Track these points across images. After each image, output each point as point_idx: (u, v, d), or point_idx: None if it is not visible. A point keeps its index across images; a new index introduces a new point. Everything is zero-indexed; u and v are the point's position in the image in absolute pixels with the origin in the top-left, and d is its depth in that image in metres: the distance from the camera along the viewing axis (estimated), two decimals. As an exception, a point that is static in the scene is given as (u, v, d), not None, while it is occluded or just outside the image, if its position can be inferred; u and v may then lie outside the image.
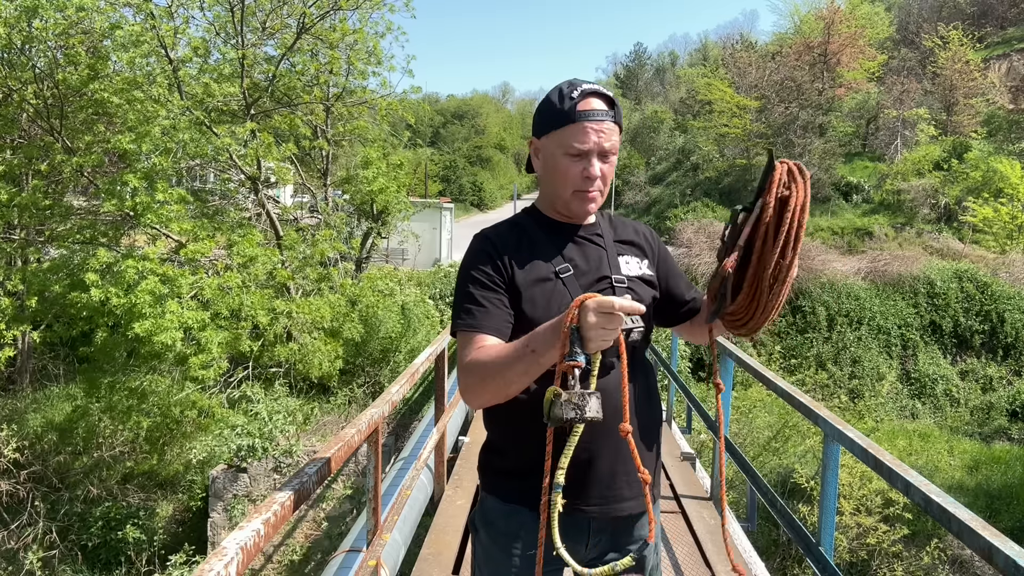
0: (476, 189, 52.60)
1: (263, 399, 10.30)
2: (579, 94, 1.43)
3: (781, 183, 1.30)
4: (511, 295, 1.47)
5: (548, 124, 1.47)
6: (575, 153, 1.44)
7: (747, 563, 3.60)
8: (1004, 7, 35.24)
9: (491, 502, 1.59)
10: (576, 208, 1.51)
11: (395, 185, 13.56)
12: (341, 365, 11.63)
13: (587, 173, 1.45)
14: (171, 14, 10.53)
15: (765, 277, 1.33)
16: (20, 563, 9.31)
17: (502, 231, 1.57)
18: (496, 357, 1.36)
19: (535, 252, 1.51)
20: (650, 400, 1.55)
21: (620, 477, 1.49)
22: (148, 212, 9.07)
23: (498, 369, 1.35)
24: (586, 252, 1.54)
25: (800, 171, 1.30)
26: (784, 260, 1.30)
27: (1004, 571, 1.60)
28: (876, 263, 17.52)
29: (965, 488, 11.18)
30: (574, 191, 1.48)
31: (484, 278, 1.48)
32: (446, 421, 4.33)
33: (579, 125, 1.43)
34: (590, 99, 1.44)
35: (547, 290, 1.46)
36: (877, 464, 2.31)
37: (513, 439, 1.52)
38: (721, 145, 28.85)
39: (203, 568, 1.27)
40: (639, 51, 62.33)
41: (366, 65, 12.94)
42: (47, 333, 10.27)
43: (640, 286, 1.55)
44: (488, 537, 1.58)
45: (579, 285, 1.48)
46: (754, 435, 11.50)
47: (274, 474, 9.80)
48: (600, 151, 1.44)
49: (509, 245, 1.52)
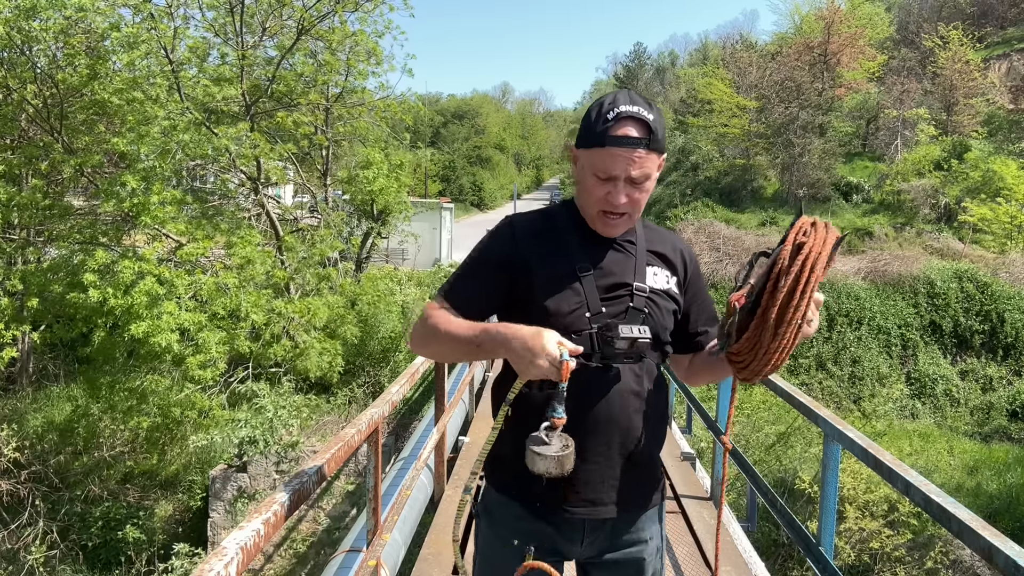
0: (476, 189, 52.60)
1: (268, 394, 10.34)
2: (614, 117, 1.39)
3: (801, 231, 1.31)
4: (527, 284, 1.48)
5: (583, 140, 1.45)
6: (603, 177, 1.42)
7: (747, 563, 3.59)
8: (1004, 7, 35.24)
9: (490, 492, 1.62)
10: (600, 228, 1.51)
11: (396, 185, 13.57)
12: (341, 365, 11.63)
13: (611, 199, 1.43)
14: (170, 14, 10.53)
15: (769, 320, 1.30)
16: (20, 563, 9.31)
17: (531, 219, 1.58)
18: (450, 330, 1.44)
19: (561, 246, 1.51)
20: (654, 408, 1.52)
21: (608, 482, 1.49)
22: (145, 212, 9.07)
23: (447, 340, 1.45)
24: (613, 256, 1.52)
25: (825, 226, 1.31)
26: (791, 303, 1.28)
27: (1004, 571, 1.60)
28: (876, 263, 17.52)
29: (965, 488, 11.18)
30: (599, 211, 1.48)
31: (488, 259, 1.53)
32: (446, 421, 4.33)
33: (608, 151, 1.40)
34: (625, 124, 1.38)
35: (563, 286, 1.46)
36: (877, 464, 2.31)
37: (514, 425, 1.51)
38: (721, 145, 28.84)
39: (203, 568, 1.27)
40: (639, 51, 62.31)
41: (366, 66, 12.94)
42: (47, 333, 10.27)
43: (662, 299, 1.53)
44: (487, 524, 1.62)
45: (597, 287, 1.48)
46: (756, 437, 11.50)
47: (274, 473, 9.80)
48: (628, 179, 1.41)
49: (533, 234, 1.53)
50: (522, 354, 1.30)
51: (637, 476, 1.53)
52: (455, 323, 1.45)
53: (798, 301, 1.28)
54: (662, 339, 1.52)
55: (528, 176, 72.55)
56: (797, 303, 1.28)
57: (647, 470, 1.56)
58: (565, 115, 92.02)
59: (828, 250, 1.29)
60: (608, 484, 1.49)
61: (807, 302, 1.29)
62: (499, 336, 1.35)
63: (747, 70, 28.48)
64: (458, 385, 5.62)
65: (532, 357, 1.28)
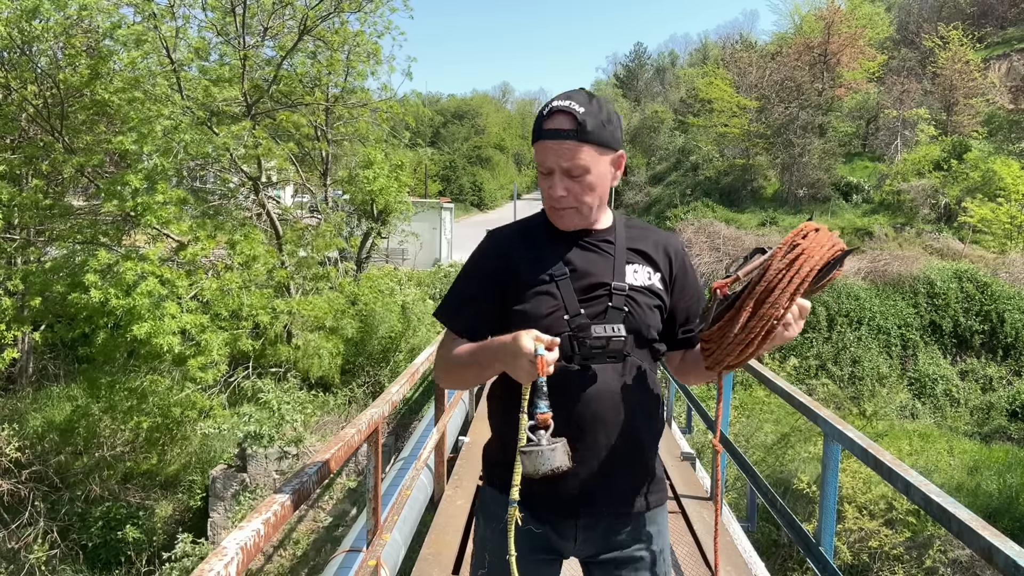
0: (476, 189, 52.60)
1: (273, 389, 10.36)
2: (548, 112, 1.43)
3: (800, 233, 1.31)
4: (513, 292, 1.51)
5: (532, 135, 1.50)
6: (543, 171, 1.47)
7: (747, 563, 3.60)
8: (1004, 7, 35.23)
9: (488, 491, 1.64)
10: (554, 221, 1.53)
11: (396, 185, 13.58)
12: (341, 363, 11.64)
13: (551, 191, 1.46)
14: (172, 14, 10.53)
15: (742, 311, 1.31)
16: (21, 562, 9.32)
17: (512, 231, 1.61)
18: (458, 358, 1.52)
19: (539, 253, 1.53)
20: (642, 407, 1.52)
21: (599, 482, 1.49)
22: (148, 213, 9.07)
23: (457, 369, 1.55)
24: (589, 257, 1.52)
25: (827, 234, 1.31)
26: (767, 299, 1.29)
27: (1004, 571, 1.60)
28: (876, 263, 17.52)
29: (965, 488, 11.17)
30: (548, 206, 1.52)
31: (479, 274, 1.57)
32: (446, 421, 4.33)
33: (541, 144, 1.44)
34: (555, 118, 1.42)
35: (542, 290, 1.48)
36: (877, 464, 2.31)
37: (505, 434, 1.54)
38: (721, 145, 28.84)
39: (203, 568, 1.27)
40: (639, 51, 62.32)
41: (366, 66, 12.95)
42: (48, 333, 10.27)
43: (643, 296, 1.52)
44: (485, 524, 1.63)
45: (575, 288, 1.49)
46: (757, 436, 11.50)
47: (274, 473, 9.80)
48: (563, 170, 1.43)
49: (517, 244, 1.56)
50: (507, 360, 1.35)
51: (628, 476, 1.53)
52: (459, 352, 1.52)
53: (776, 299, 1.28)
54: (646, 336, 1.52)
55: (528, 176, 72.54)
56: (774, 301, 1.28)
57: (639, 470, 1.55)
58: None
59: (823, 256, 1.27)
60: (598, 484, 1.49)
61: (786, 303, 1.28)
62: (489, 350, 1.43)
63: (747, 70, 28.48)
64: (458, 385, 5.61)
65: (513, 359, 1.32)
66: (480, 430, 5.72)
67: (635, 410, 1.50)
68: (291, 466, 9.73)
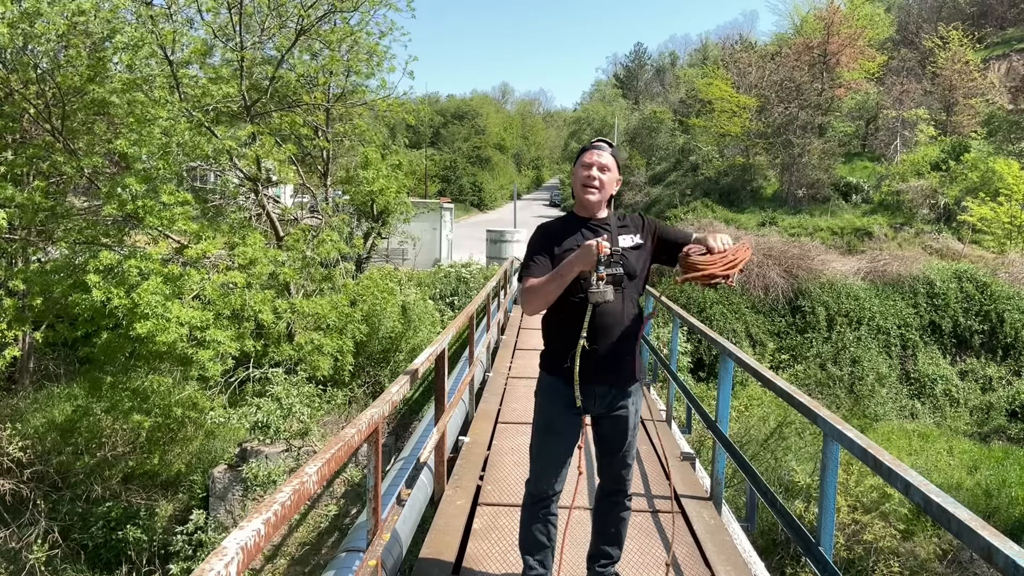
0: (476, 189, 52.61)
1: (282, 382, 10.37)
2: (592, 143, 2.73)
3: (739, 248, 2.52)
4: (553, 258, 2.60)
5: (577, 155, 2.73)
6: (585, 165, 2.67)
7: (747, 563, 3.59)
8: (1004, 7, 35.24)
9: (543, 376, 2.75)
10: (581, 197, 2.67)
11: (395, 185, 13.57)
12: (351, 361, 11.67)
13: (588, 175, 2.65)
14: (170, 16, 10.52)
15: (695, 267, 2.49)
16: (22, 562, 9.31)
17: (551, 224, 2.75)
18: (541, 283, 2.54)
19: (567, 235, 2.66)
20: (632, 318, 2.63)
21: (609, 364, 2.59)
22: (151, 214, 9.06)
23: (543, 288, 2.54)
24: (596, 234, 2.62)
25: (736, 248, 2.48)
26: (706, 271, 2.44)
27: (1004, 571, 1.61)
28: (876, 263, 17.53)
29: (964, 488, 11.18)
30: (581, 186, 2.66)
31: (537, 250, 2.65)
32: (446, 421, 4.33)
33: (588, 152, 2.69)
34: (598, 143, 2.72)
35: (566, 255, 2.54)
36: (876, 464, 2.31)
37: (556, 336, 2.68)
38: (721, 145, 28.84)
39: (203, 568, 1.27)
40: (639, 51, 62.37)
41: (366, 66, 12.93)
42: (50, 333, 10.26)
43: (630, 252, 2.62)
44: (542, 396, 2.76)
45: None
46: (752, 433, 11.50)
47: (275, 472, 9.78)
48: (598, 165, 2.64)
49: (554, 231, 2.70)
50: (580, 256, 2.42)
51: (624, 361, 2.63)
52: (540, 280, 2.55)
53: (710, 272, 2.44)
54: (635, 275, 2.61)
55: (528, 176, 72.55)
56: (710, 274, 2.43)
57: (630, 357, 2.64)
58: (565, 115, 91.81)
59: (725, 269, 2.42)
60: (609, 365, 2.60)
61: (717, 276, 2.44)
62: (567, 262, 2.47)
63: (747, 70, 28.49)
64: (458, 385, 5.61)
65: (585, 252, 2.40)
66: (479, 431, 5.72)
67: (630, 319, 2.63)
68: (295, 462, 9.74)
